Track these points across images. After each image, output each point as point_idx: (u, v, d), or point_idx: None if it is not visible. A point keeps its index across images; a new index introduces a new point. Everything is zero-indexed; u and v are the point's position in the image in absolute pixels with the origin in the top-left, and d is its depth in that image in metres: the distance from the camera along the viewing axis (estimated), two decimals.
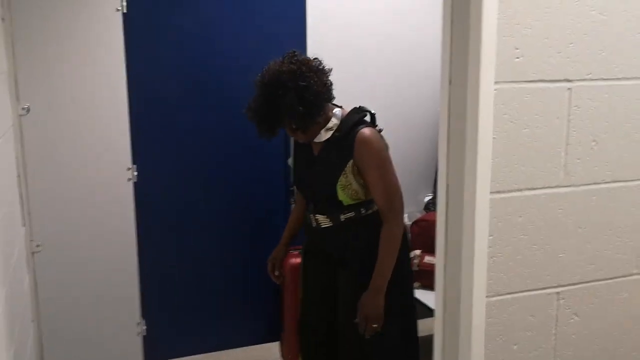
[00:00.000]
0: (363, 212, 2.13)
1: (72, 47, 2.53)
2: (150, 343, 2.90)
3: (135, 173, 2.73)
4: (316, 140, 2.17)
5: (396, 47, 3.30)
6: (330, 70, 2.18)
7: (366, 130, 2.08)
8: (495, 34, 1.30)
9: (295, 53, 2.15)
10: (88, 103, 2.59)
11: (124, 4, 2.56)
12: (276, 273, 2.42)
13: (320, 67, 2.13)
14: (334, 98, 2.20)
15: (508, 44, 1.32)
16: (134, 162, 2.71)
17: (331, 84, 2.16)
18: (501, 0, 1.30)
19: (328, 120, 2.14)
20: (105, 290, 2.75)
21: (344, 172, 2.07)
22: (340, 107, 2.20)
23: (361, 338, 2.12)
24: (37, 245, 2.58)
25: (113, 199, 2.70)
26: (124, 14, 2.57)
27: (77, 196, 2.64)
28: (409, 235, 3.16)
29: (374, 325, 2.06)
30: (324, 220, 2.19)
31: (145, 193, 2.77)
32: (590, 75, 1.41)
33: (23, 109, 2.46)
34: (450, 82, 1.31)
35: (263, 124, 2.11)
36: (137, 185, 2.74)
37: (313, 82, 2.04)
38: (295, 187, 2.39)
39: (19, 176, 2.40)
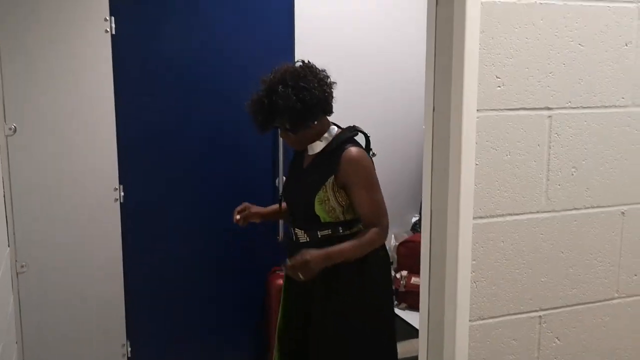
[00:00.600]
0: (341, 231, 2.14)
1: (60, 68, 2.54)
2: None
3: (122, 193, 2.73)
4: (309, 152, 2.21)
5: (385, 67, 3.34)
6: (334, 84, 2.23)
7: (353, 149, 2.11)
8: (477, 62, 1.33)
9: (307, 61, 2.20)
10: (75, 124, 2.60)
11: (113, 25, 2.58)
12: (237, 217, 2.38)
13: (325, 78, 2.18)
14: (331, 112, 2.25)
15: (490, 72, 1.36)
16: (121, 182, 2.72)
17: (332, 97, 2.20)
18: (482, 30, 1.34)
19: (322, 133, 2.18)
20: (90, 311, 2.73)
21: (323, 187, 2.10)
22: (339, 126, 2.24)
23: (333, 355, 2.13)
24: (22, 266, 2.56)
25: (100, 219, 2.70)
26: (112, 35, 2.59)
27: (63, 216, 2.63)
28: (395, 256, 3.17)
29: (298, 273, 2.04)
30: (302, 236, 2.21)
31: (131, 213, 2.76)
32: (569, 104, 1.45)
33: (10, 129, 2.46)
34: (434, 109, 1.34)
35: (258, 115, 2.14)
36: (123, 206, 2.73)
37: (313, 87, 2.09)
38: (282, 199, 2.41)
39: (4, 196, 2.39)
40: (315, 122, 2.15)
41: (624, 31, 1.48)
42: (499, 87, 1.37)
